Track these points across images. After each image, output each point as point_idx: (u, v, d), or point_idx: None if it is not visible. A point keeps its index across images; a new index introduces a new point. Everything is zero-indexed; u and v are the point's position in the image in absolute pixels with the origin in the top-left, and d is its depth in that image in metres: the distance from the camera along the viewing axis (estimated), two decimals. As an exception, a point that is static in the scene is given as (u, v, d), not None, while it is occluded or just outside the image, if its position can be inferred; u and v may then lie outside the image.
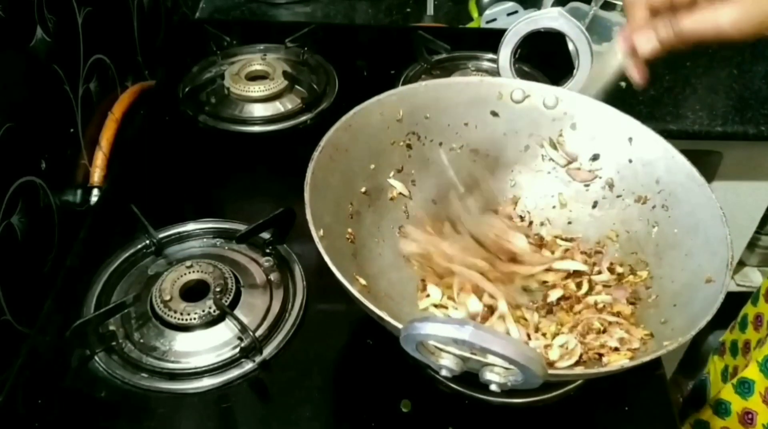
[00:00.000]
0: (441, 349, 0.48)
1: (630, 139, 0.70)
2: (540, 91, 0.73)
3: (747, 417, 0.82)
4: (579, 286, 0.68)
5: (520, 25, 0.72)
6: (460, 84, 0.74)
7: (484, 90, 0.73)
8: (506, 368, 0.46)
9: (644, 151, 0.69)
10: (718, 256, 0.58)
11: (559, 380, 0.62)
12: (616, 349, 0.61)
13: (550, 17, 0.71)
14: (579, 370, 0.57)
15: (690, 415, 0.93)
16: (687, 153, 0.66)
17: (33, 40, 0.73)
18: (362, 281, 0.62)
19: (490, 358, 0.46)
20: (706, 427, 0.89)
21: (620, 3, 1.22)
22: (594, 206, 0.73)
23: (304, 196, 0.59)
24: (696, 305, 0.57)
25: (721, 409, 0.86)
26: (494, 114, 0.74)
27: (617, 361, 0.57)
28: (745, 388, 0.82)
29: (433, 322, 0.44)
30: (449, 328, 0.43)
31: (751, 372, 0.81)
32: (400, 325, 0.48)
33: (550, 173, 0.75)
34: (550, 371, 0.46)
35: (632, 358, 0.57)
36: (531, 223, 0.75)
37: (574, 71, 0.73)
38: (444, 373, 0.48)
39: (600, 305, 0.66)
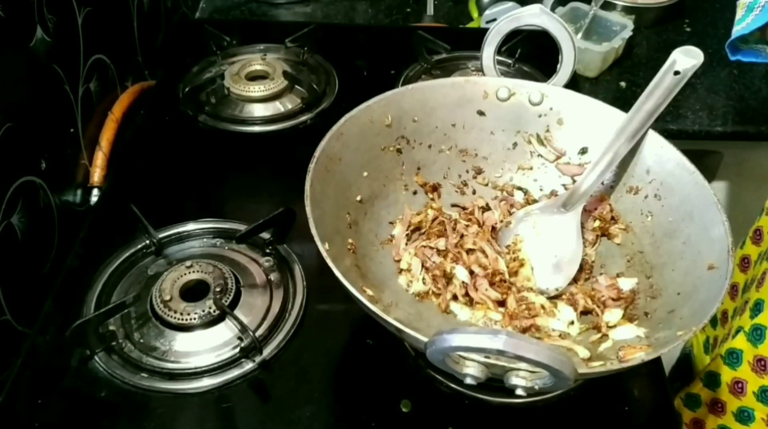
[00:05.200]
0: (465, 358, 0.47)
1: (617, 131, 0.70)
2: (525, 88, 0.74)
3: (737, 386, 0.82)
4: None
5: (502, 24, 0.72)
6: (446, 85, 0.74)
7: (469, 90, 0.74)
8: (532, 371, 0.46)
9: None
10: (717, 243, 0.59)
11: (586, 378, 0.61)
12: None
13: (531, 14, 0.71)
14: (604, 368, 0.56)
15: (681, 389, 0.93)
16: (687, 153, 0.67)
17: (33, 40, 0.73)
18: (369, 292, 0.62)
19: (517, 363, 0.45)
20: (698, 400, 0.90)
21: (620, 3, 1.22)
22: None
23: (306, 210, 0.59)
24: (702, 293, 0.57)
25: (711, 380, 0.87)
26: (481, 113, 0.74)
27: (634, 355, 0.57)
28: (733, 358, 0.83)
29: (462, 333, 0.43)
30: (481, 338, 0.42)
31: (739, 342, 0.82)
32: (425, 339, 0.47)
33: (540, 169, 0.76)
34: (580, 370, 0.46)
35: (648, 351, 0.56)
36: None
37: (558, 66, 0.73)
38: (468, 381, 0.48)
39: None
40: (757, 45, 1.17)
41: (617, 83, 1.14)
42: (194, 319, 0.68)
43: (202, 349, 0.67)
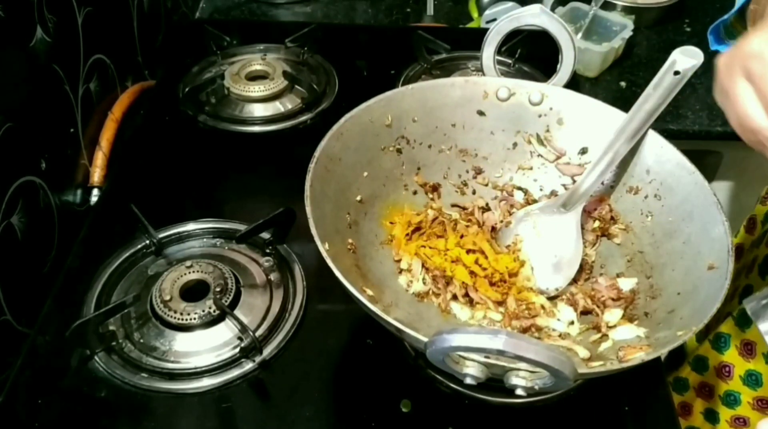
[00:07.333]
0: (465, 358, 0.47)
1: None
2: (525, 88, 0.74)
3: (724, 370, 0.83)
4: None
5: (502, 24, 0.72)
6: (446, 85, 0.74)
7: (469, 90, 0.74)
8: (532, 371, 0.46)
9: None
10: (717, 243, 0.59)
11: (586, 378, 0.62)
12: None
13: (531, 14, 0.71)
14: (604, 368, 0.56)
15: (669, 373, 0.94)
16: (687, 153, 0.67)
17: (33, 40, 0.73)
18: (369, 292, 0.62)
19: (517, 363, 0.45)
20: (686, 384, 0.90)
21: (620, 3, 1.22)
22: None
23: (306, 210, 0.59)
24: (702, 293, 0.57)
25: (699, 364, 0.87)
26: (481, 113, 0.74)
27: (634, 355, 0.57)
28: (721, 342, 0.83)
29: (463, 333, 0.43)
30: (481, 338, 0.42)
31: (727, 326, 0.82)
32: (425, 339, 0.47)
33: (540, 169, 0.76)
34: (580, 370, 0.46)
35: (648, 351, 0.56)
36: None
37: (558, 66, 0.73)
38: (468, 381, 0.48)
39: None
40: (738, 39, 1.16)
41: (617, 83, 1.14)
42: (194, 319, 0.68)
43: (202, 349, 0.67)
